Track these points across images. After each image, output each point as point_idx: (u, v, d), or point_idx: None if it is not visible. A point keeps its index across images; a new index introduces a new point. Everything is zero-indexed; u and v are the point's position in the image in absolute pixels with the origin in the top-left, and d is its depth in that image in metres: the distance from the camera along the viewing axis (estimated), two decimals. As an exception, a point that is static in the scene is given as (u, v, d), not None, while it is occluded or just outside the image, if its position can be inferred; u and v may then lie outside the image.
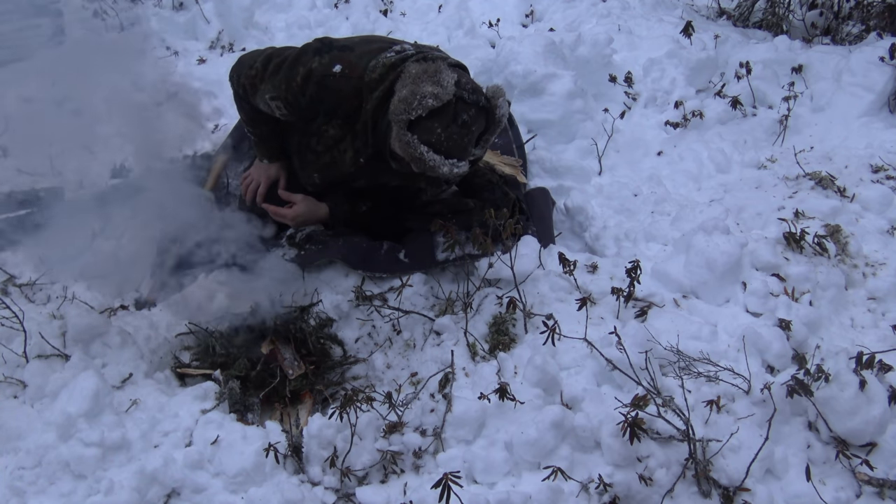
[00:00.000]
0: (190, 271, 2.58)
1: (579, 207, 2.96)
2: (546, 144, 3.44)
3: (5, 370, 2.23)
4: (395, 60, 2.27)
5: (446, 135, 2.16)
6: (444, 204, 2.73)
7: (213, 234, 2.44)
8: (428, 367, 2.32)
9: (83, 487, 1.93)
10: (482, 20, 4.62)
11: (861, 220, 2.82)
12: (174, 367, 2.33)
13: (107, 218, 2.55)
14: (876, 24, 4.29)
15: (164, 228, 2.49)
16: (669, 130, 3.63)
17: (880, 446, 1.97)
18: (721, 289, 2.45)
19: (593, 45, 3.81)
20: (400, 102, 2.15)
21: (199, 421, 2.11)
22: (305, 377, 2.30)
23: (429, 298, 2.55)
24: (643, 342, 2.11)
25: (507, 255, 2.40)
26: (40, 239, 2.49)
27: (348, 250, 2.56)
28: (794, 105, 3.55)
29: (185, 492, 1.97)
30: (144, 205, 2.47)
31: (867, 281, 2.59)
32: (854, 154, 3.25)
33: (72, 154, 2.67)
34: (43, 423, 2.04)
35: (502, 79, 3.55)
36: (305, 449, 2.03)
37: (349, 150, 2.47)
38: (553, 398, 2.12)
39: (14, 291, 2.52)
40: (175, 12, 4.95)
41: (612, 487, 1.87)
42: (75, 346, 2.29)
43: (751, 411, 2.02)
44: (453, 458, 2.00)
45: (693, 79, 3.86)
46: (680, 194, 3.19)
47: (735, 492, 1.89)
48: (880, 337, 2.40)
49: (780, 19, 4.60)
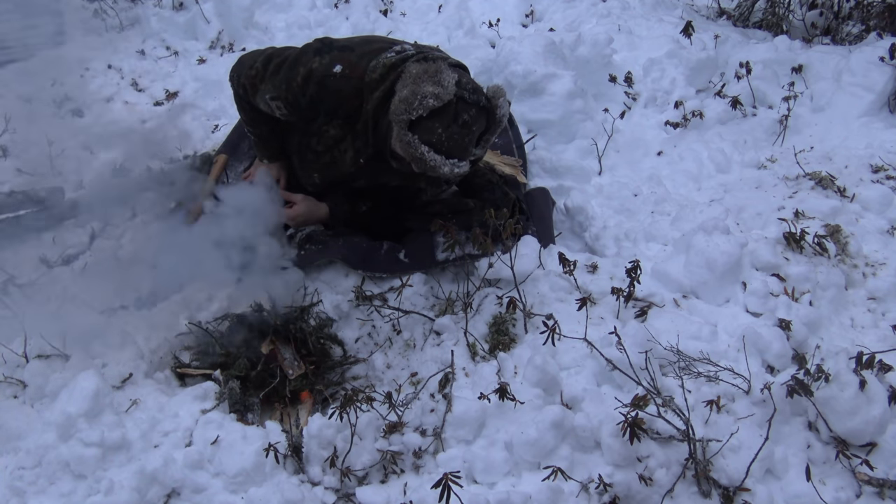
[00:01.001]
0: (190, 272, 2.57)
1: (579, 207, 2.96)
2: (546, 144, 3.44)
3: (5, 370, 2.23)
4: (396, 60, 2.27)
5: (447, 135, 2.17)
6: (444, 204, 2.73)
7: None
8: (428, 367, 2.32)
9: (83, 487, 1.93)
10: (482, 20, 4.62)
11: (861, 220, 2.82)
12: (174, 367, 2.33)
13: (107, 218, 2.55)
14: (876, 24, 4.29)
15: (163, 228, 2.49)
16: (669, 130, 3.63)
17: (880, 446, 1.97)
18: (721, 289, 2.45)
19: (593, 45, 3.81)
20: (401, 102, 2.15)
21: (199, 421, 2.11)
22: (305, 377, 2.30)
23: (429, 298, 2.55)
24: (643, 342, 2.11)
25: (507, 255, 2.40)
26: (40, 239, 2.49)
27: (348, 250, 2.56)
28: (794, 105, 3.55)
29: (185, 492, 1.97)
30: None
31: (867, 281, 2.59)
32: (854, 154, 3.25)
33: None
34: (43, 423, 2.03)
35: (502, 79, 3.55)
36: (305, 449, 2.03)
37: (349, 150, 2.47)
38: (553, 398, 2.12)
39: (14, 291, 2.52)
40: (175, 12, 4.95)
41: (612, 487, 1.87)
42: (75, 346, 2.29)
43: (751, 411, 2.02)
44: (453, 458, 2.01)
45: (693, 79, 3.86)
46: (680, 194, 3.19)
47: (735, 492, 1.89)
48: (880, 337, 2.40)
49: (780, 19, 4.60)
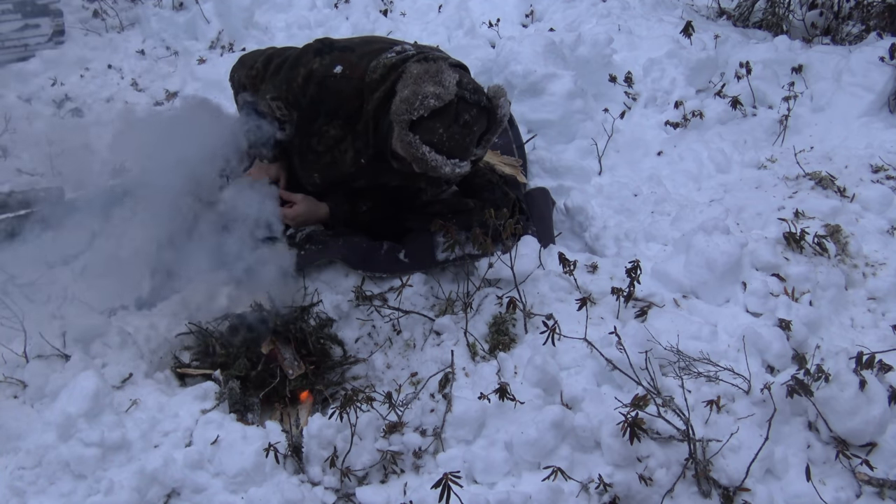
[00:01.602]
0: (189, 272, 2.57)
1: (579, 207, 2.96)
2: (546, 144, 3.45)
3: (5, 370, 2.23)
4: (396, 61, 2.27)
5: (448, 135, 2.17)
6: (444, 204, 2.73)
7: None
8: (428, 367, 2.32)
9: (83, 487, 1.93)
10: (482, 20, 4.63)
11: (861, 220, 2.82)
12: (174, 367, 2.33)
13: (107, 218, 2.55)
14: (876, 24, 4.30)
15: (163, 228, 2.49)
16: (669, 130, 3.63)
17: (880, 446, 1.97)
18: (721, 289, 2.45)
19: (593, 45, 3.81)
20: (402, 103, 2.15)
21: (199, 421, 2.10)
22: (305, 377, 2.30)
23: (429, 298, 2.55)
24: (643, 342, 2.11)
25: (507, 255, 2.40)
26: (40, 239, 2.49)
27: (348, 250, 2.56)
28: (794, 105, 3.55)
29: (185, 492, 1.97)
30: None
31: (867, 281, 2.59)
32: (854, 154, 3.25)
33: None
34: (43, 423, 2.03)
35: (502, 79, 3.55)
36: (305, 449, 2.03)
37: (350, 151, 2.47)
38: (553, 398, 2.12)
39: (14, 291, 2.51)
40: (175, 12, 4.96)
41: (612, 487, 1.87)
42: (75, 346, 2.29)
43: (751, 411, 2.03)
44: (453, 458, 2.01)
45: (693, 79, 3.86)
46: (680, 194, 3.19)
47: (735, 492, 1.89)
48: (880, 337, 2.40)
49: (780, 19, 4.60)
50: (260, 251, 2.44)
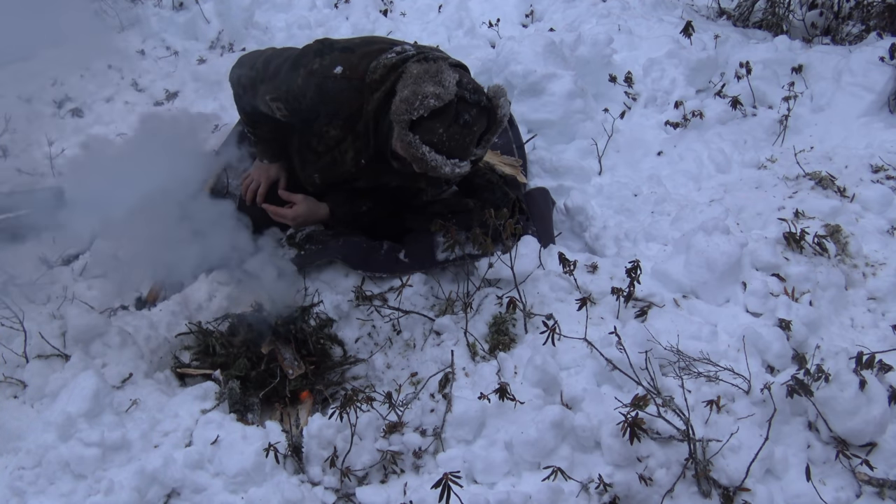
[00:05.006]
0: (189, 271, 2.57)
1: (579, 207, 2.96)
2: (546, 144, 3.44)
3: (5, 370, 2.23)
4: (396, 61, 2.27)
5: (448, 135, 2.17)
6: (444, 204, 2.73)
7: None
8: (428, 367, 2.32)
9: (83, 487, 1.93)
10: (482, 20, 4.63)
11: (861, 220, 2.82)
12: (174, 367, 2.33)
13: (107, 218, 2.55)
14: (876, 24, 4.29)
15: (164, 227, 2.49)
16: (669, 130, 3.63)
17: (880, 446, 1.97)
18: (721, 289, 2.45)
19: (593, 45, 3.81)
20: (402, 103, 2.15)
21: (199, 421, 2.11)
22: (305, 377, 2.30)
23: (429, 298, 2.55)
24: (643, 342, 2.11)
25: (507, 255, 2.40)
26: (40, 239, 2.49)
27: (348, 250, 2.56)
28: (794, 105, 3.55)
29: (185, 492, 1.97)
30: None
31: (867, 281, 2.59)
32: (854, 154, 3.25)
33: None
34: (43, 423, 2.04)
35: (502, 79, 3.55)
36: (305, 449, 2.03)
37: (350, 151, 2.47)
38: (553, 398, 2.12)
39: (14, 291, 2.51)
40: (175, 12, 4.95)
41: (612, 487, 1.88)
42: (75, 346, 2.29)
43: (751, 411, 2.03)
44: (453, 458, 2.01)
45: (693, 79, 3.86)
46: (680, 194, 3.19)
47: (735, 492, 1.89)
48: (880, 337, 2.40)
49: (780, 19, 4.60)
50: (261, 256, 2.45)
